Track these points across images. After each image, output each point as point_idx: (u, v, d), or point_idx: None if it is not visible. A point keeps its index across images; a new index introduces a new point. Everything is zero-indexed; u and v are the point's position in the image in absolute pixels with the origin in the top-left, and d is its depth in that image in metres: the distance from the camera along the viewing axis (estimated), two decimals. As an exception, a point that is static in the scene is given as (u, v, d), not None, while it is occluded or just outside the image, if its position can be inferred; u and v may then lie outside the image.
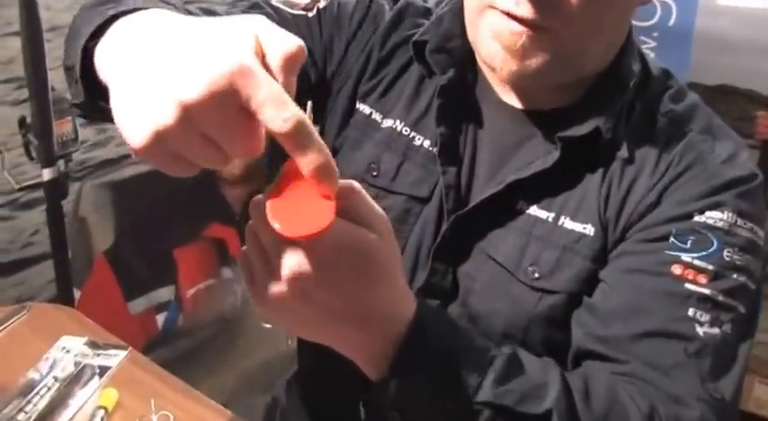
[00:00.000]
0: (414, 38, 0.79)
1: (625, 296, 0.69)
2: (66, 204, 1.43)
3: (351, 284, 0.51)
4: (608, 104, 0.72)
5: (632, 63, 0.75)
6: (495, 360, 0.59)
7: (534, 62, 0.67)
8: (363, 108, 0.82)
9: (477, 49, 0.73)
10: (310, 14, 0.84)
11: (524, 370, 0.61)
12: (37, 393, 0.89)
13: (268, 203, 0.46)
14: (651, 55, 0.92)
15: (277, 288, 0.50)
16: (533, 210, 0.74)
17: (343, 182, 0.49)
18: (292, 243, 0.47)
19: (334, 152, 0.83)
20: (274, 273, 0.50)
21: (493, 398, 0.58)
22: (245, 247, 0.52)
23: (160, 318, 1.78)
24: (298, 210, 0.45)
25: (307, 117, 0.43)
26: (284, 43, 0.44)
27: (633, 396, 0.64)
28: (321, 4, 0.85)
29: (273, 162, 0.49)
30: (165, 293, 1.77)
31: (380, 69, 0.82)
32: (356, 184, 0.51)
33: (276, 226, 0.45)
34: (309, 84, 0.84)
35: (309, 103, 0.48)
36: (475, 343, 0.60)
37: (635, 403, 0.63)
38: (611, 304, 0.70)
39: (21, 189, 1.38)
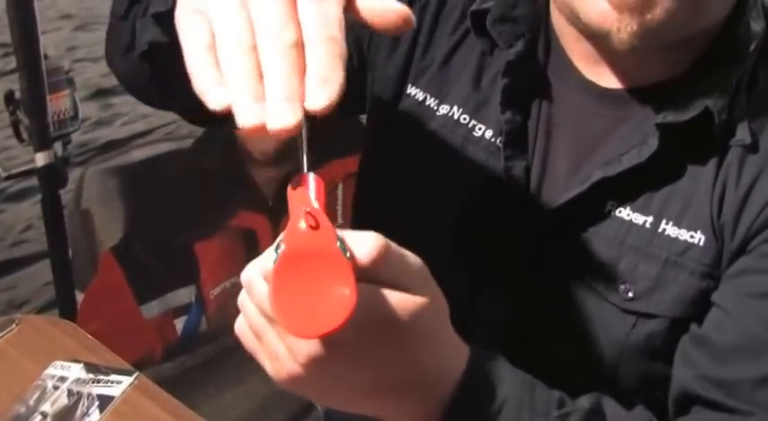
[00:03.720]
0: (472, 7, 0.75)
1: (749, 328, 0.63)
2: (66, 194, 1.42)
3: (384, 358, 0.49)
4: (721, 77, 0.66)
5: (753, 21, 0.68)
6: (569, 417, 0.57)
7: (659, 13, 0.61)
8: (416, 92, 0.78)
9: (573, 12, 0.66)
10: None
11: None
12: None
13: (271, 292, 0.43)
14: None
15: (293, 368, 0.48)
16: (626, 214, 0.68)
17: (364, 240, 0.46)
18: None
19: (380, 149, 0.81)
20: (289, 352, 0.48)
21: None
22: (241, 317, 0.50)
23: (179, 323, 1.76)
24: (309, 298, 0.42)
25: None
26: None
27: None
28: None
29: (311, 141, 0.47)
30: (184, 295, 1.75)
31: (435, 40, 0.78)
32: (381, 241, 0.46)
33: (283, 324, 0.42)
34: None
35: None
36: (538, 396, 0.57)
37: None
38: (730, 338, 0.64)
39: (9, 177, 1.37)
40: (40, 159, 1.34)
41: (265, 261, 0.45)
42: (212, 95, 0.44)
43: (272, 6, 0.45)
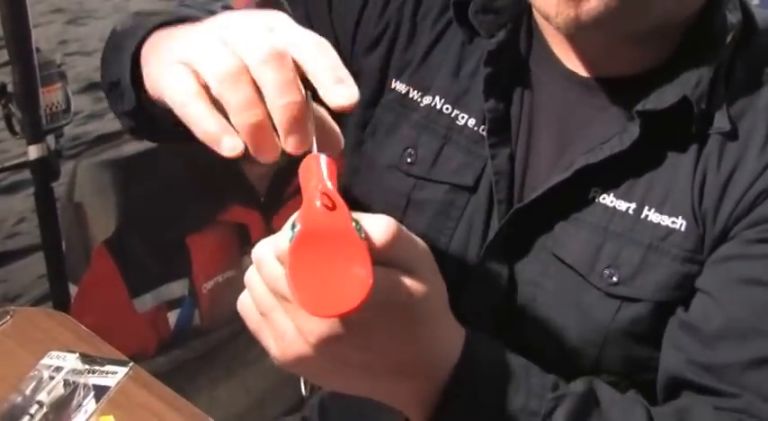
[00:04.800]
0: None
1: (736, 313, 0.64)
2: (58, 187, 1.41)
3: (391, 340, 0.49)
4: (699, 67, 0.67)
5: (729, 13, 0.69)
6: (562, 401, 0.57)
7: (594, 5, 0.62)
8: (398, 86, 0.79)
9: None
10: None
11: (601, 412, 0.59)
12: None
13: (288, 270, 0.42)
14: (755, 1, 0.88)
15: (301, 348, 0.48)
16: (610, 201, 0.69)
17: (378, 221, 0.46)
18: None
19: (364, 141, 0.82)
20: (299, 332, 0.48)
21: None
22: (246, 294, 0.50)
23: (172, 317, 1.74)
24: (325, 277, 0.42)
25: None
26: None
27: None
28: None
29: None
30: (177, 288, 1.73)
31: (415, 36, 0.79)
32: (393, 224, 0.47)
33: (301, 302, 0.42)
34: None
35: (308, 93, 0.48)
36: (533, 379, 0.58)
37: None
38: (717, 323, 0.65)
39: (2, 170, 1.35)
40: (33, 152, 1.33)
41: (279, 240, 0.45)
42: (226, 144, 0.46)
43: (258, 41, 0.47)
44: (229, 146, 0.46)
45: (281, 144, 0.47)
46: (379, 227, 0.46)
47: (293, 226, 0.44)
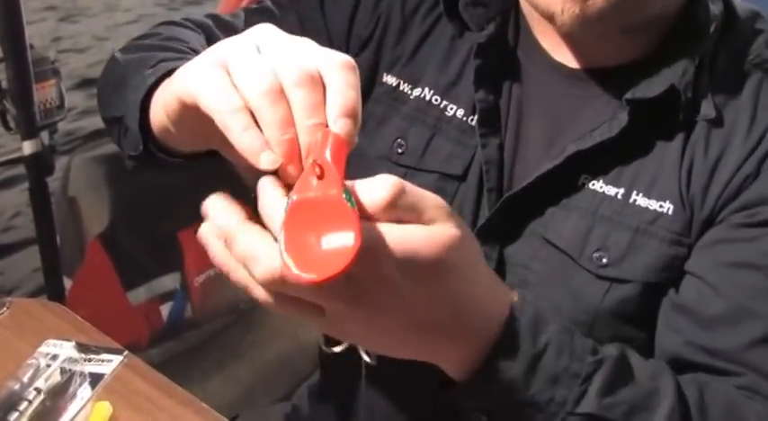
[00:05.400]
0: None
1: (729, 297, 0.65)
2: (53, 182, 1.41)
3: (426, 295, 0.48)
4: (684, 57, 0.68)
5: (712, 4, 0.71)
6: (602, 364, 0.56)
7: (600, 1, 0.63)
8: (389, 79, 0.81)
9: None
10: None
11: (634, 376, 0.58)
12: (16, 409, 0.83)
13: (283, 242, 0.42)
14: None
15: (336, 324, 0.48)
16: (599, 186, 0.71)
17: (378, 182, 0.46)
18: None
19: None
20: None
21: (598, 411, 0.55)
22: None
23: (165, 309, 1.74)
24: (317, 244, 0.42)
25: None
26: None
27: (759, 412, 0.61)
28: None
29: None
30: (169, 281, 1.73)
31: (405, 32, 0.80)
32: (395, 181, 0.46)
33: (293, 268, 0.41)
34: None
35: None
36: (576, 341, 0.56)
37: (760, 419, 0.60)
38: (714, 308, 0.66)
39: None
40: (28, 148, 1.33)
41: (276, 212, 0.45)
42: (266, 158, 0.46)
43: (293, 61, 0.47)
44: (268, 160, 0.46)
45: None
46: (378, 186, 0.45)
47: (290, 198, 0.45)
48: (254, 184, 0.48)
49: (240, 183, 1.94)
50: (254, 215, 0.49)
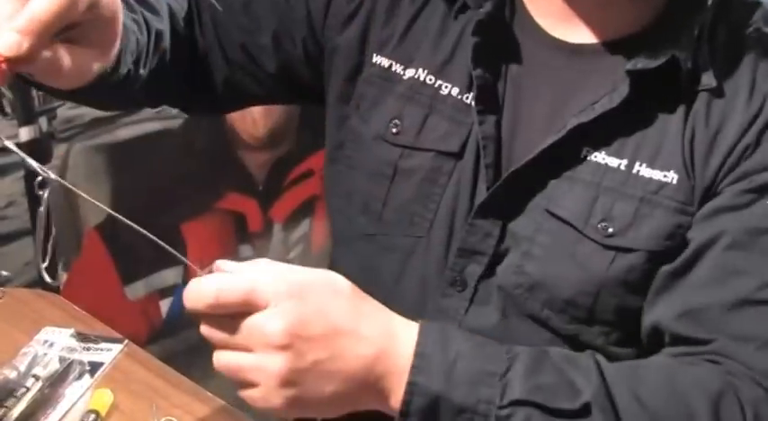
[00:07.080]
0: None
1: (721, 259, 0.68)
2: (50, 170, 1.35)
3: (316, 369, 0.58)
4: (684, 29, 0.71)
5: None
6: (517, 357, 0.62)
7: None
8: (380, 60, 0.81)
9: None
10: None
11: (553, 361, 0.63)
12: (14, 395, 0.84)
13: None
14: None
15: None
16: (601, 158, 0.72)
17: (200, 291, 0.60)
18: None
19: (349, 115, 0.83)
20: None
21: (524, 396, 0.60)
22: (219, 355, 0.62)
23: (164, 305, 1.73)
24: None
25: None
26: None
27: (700, 377, 0.64)
28: None
29: (302, 125, 0.46)
30: (170, 276, 1.71)
31: (394, 11, 0.81)
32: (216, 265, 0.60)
33: None
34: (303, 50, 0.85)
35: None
36: (488, 348, 0.63)
37: (700, 385, 0.63)
38: (702, 269, 0.69)
39: None
40: (25, 134, 1.31)
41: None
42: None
43: None
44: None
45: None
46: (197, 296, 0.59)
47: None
48: (258, 173, 0.52)
49: (244, 172, 1.93)
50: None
